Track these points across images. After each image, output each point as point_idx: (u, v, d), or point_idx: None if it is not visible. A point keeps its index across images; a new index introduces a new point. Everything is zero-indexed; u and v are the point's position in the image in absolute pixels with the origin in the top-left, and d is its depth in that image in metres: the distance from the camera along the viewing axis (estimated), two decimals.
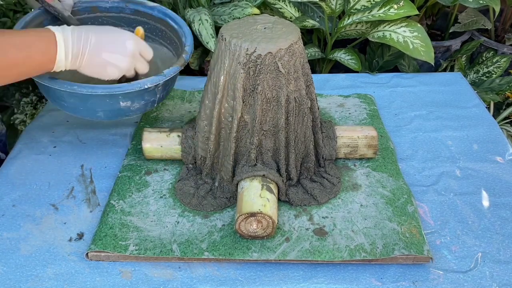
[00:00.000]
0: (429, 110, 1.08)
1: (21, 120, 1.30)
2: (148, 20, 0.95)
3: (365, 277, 0.70)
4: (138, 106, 0.82)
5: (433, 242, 0.76)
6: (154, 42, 0.97)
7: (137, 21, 0.96)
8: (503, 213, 0.81)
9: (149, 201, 0.82)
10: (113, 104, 0.79)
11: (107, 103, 0.78)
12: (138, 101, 0.80)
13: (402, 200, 0.81)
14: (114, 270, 0.72)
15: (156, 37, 0.97)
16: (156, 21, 0.95)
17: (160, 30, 0.96)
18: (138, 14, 0.95)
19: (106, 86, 0.75)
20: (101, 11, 0.94)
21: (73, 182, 0.87)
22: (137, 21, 0.96)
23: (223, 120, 0.80)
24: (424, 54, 1.19)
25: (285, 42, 0.74)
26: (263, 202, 0.72)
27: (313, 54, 1.38)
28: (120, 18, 0.95)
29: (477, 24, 1.59)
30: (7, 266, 0.72)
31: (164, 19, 0.94)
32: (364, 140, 0.87)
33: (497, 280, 0.70)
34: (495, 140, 0.98)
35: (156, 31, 0.96)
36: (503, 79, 1.40)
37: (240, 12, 1.20)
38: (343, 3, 1.30)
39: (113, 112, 0.81)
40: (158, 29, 0.96)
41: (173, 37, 0.94)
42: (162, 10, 0.94)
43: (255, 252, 0.72)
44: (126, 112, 0.81)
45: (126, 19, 0.96)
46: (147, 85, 0.77)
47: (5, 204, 0.82)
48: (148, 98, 0.82)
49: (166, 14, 0.94)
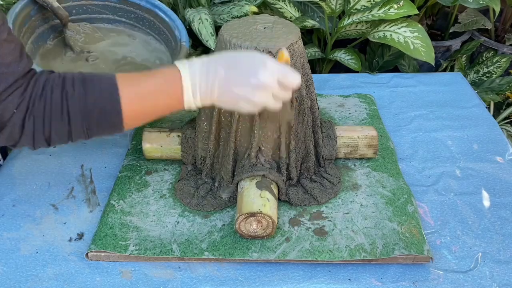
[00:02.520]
0: (429, 110, 1.08)
1: None
2: (135, 10, 0.94)
3: (365, 277, 0.70)
4: None
5: (433, 242, 0.76)
6: (140, 31, 0.96)
7: (123, 10, 0.94)
8: (503, 213, 0.81)
9: (149, 201, 0.82)
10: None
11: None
12: None
13: (402, 200, 0.81)
14: (114, 270, 0.72)
15: (143, 27, 0.96)
16: (143, 11, 0.94)
17: (148, 20, 0.94)
18: (124, 3, 0.94)
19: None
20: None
21: (73, 182, 0.87)
22: (123, 10, 0.94)
23: (223, 120, 0.80)
24: (425, 55, 1.19)
25: (285, 42, 0.74)
26: (263, 202, 0.72)
27: (313, 54, 1.38)
28: (105, 7, 0.94)
29: (477, 24, 1.59)
30: (7, 266, 0.72)
31: (152, 10, 0.93)
32: (364, 140, 0.87)
33: (497, 280, 0.70)
34: (495, 140, 0.98)
35: (143, 21, 0.95)
36: (503, 79, 1.40)
37: (239, 10, 1.20)
38: (343, 3, 1.30)
39: None
40: (146, 19, 0.94)
41: (163, 28, 0.92)
42: (151, 1, 0.93)
43: (255, 252, 0.72)
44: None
45: (111, 7, 0.94)
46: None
47: (5, 204, 0.82)
48: None
49: (155, 5, 0.93)
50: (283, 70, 0.63)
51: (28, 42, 0.84)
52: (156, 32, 0.95)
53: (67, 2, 0.90)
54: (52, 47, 0.89)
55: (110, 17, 0.95)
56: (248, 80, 0.61)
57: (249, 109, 0.64)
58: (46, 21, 0.88)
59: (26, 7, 0.82)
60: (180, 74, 0.62)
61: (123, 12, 0.94)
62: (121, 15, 0.95)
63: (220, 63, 0.62)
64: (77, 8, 0.92)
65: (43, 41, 0.88)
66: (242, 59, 0.63)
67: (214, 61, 0.63)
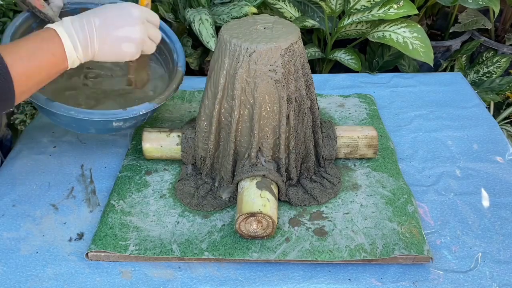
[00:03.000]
0: (429, 110, 1.08)
1: (21, 120, 1.30)
2: None
3: (365, 277, 0.70)
4: (129, 125, 0.82)
5: (433, 242, 0.76)
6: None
7: None
8: (503, 213, 0.81)
9: (149, 201, 0.82)
10: (106, 125, 0.80)
11: (100, 123, 0.79)
12: (130, 121, 0.81)
13: (402, 200, 0.81)
14: (114, 270, 0.72)
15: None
16: None
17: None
18: None
19: (102, 112, 0.76)
20: None
21: (73, 182, 0.87)
22: None
23: (223, 120, 0.80)
24: (424, 55, 1.19)
25: (285, 42, 0.74)
26: (263, 202, 0.72)
27: (313, 54, 1.38)
28: None
29: (477, 24, 1.59)
30: (7, 266, 0.72)
31: None
32: (364, 140, 0.87)
33: (497, 280, 0.70)
34: (495, 140, 0.98)
35: None
36: (503, 79, 1.40)
37: (238, 11, 1.20)
38: (343, 3, 1.30)
39: (105, 130, 0.84)
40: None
41: (163, 48, 0.92)
42: None
43: (255, 252, 0.72)
44: (117, 129, 0.82)
45: None
46: (142, 111, 0.78)
47: (5, 204, 0.82)
48: (140, 118, 0.82)
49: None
50: (148, 10, 0.73)
51: None
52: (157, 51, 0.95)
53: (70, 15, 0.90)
54: None
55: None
56: (124, 20, 0.67)
57: (131, 52, 0.69)
58: None
59: (28, 20, 0.83)
60: (56, 31, 0.65)
61: None
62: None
63: (91, 15, 0.67)
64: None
65: None
66: (111, 8, 0.69)
67: (86, 14, 0.67)
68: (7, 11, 1.23)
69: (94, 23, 0.66)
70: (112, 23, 0.67)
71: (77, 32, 0.66)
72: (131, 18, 0.68)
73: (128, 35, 0.68)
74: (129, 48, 0.69)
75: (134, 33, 0.68)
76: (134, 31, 0.68)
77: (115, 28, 0.67)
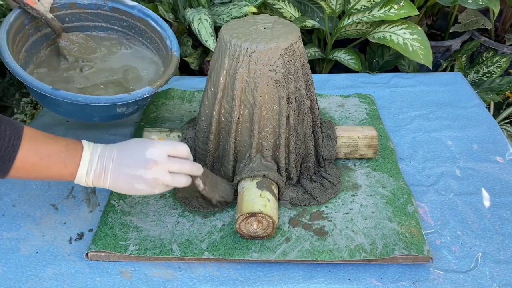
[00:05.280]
0: (429, 110, 1.08)
1: (21, 120, 1.30)
2: (127, 18, 0.95)
3: (365, 277, 0.70)
4: (131, 110, 0.83)
5: (433, 242, 0.76)
6: (133, 39, 0.97)
7: (115, 18, 0.96)
8: (503, 213, 0.81)
9: (149, 201, 0.82)
10: (110, 111, 0.80)
11: (105, 110, 0.80)
12: (132, 106, 0.82)
13: (402, 200, 0.81)
14: (114, 270, 0.72)
15: (135, 35, 0.97)
16: (135, 20, 0.95)
17: (139, 29, 0.96)
18: (116, 12, 0.95)
19: (108, 98, 0.77)
20: (79, 7, 0.93)
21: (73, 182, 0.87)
22: (115, 18, 0.96)
23: (223, 120, 0.80)
24: (423, 57, 1.19)
25: (285, 42, 0.74)
26: (263, 202, 0.72)
27: (313, 54, 1.38)
28: (98, 15, 0.95)
29: (477, 24, 1.59)
30: (7, 266, 0.72)
31: (144, 19, 0.94)
32: (364, 140, 0.87)
33: (497, 280, 0.70)
34: (495, 140, 0.98)
35: (135, 29, 0.96)
36: (503, 79, 1.40)
37: (238, 11, 1.20)
38: (343, 3, 1.30)
39: (109, 117, 0.84)
40: (138, 28, 0.96)
41: (154, 37, 0.94)
42: (142, 10, 0.94)
43: (255, 252, 0.72)
44: (120, 116, 0.83)
45: (104, 15, 0.96)
46: (145, 94, 0.79)
47: (5, 204, 0.82)
48: (141, 103, 0.84)
49: (147, 14, 0.94)
50: (170, 143, 0.69)
51: (22, 50, 0.85)
52: (148, 40, 0.96)
53: (60, 10, 0.91)
54: (46, 57, 0.90)
55: (103, 25, 0.96)
56: (138, 160, 0.66)
57: (147, 190, 0.67)
58: (40, 29, 0.89)
59: (20, 16, 0.83)
60: (82, 149, 0.65)
61: (115, 20, 0.96)
62: (113, 23, 0.96)
63: (115, 147, 0.68)
64: (70, 16, 0.93)
65: (36, 49, 0.89)
66: (132, 142, 0.69)
67: (112, 145, 0.68)
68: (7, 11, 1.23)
69: (113, 156, 0.67)
70: (126, 163, 0.66)
71: (96, 161, 0.66)
72: (144, 159, 0.66)
73: (140, 174, 0.66)
74: (142, 187, 0.67)
75: (146, 174, 0.66)
76: (146, 173, 0.66)
77: (128, 167, 0.66)
